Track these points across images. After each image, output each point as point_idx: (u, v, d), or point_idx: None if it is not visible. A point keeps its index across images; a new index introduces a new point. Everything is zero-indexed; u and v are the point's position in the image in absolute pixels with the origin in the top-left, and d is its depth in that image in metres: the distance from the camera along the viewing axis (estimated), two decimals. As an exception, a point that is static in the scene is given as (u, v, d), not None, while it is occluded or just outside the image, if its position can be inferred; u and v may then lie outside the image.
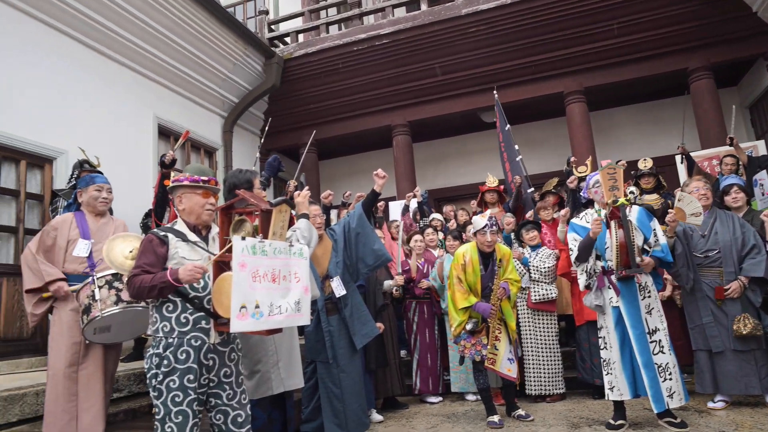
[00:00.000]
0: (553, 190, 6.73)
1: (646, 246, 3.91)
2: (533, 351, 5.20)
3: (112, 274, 3.30)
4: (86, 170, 5.13)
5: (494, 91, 7.58)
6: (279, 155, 4.41)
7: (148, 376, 2.44)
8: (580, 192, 5.36)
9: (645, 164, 6.01)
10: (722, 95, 7.81)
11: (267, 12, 9.35)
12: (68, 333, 3.40)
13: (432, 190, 9.48)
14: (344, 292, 3.90)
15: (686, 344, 4.76)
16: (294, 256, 2.43)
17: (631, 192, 4.02)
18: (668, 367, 3.74)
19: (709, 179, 5.32)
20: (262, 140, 6.25)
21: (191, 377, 2.41)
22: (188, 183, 2.59)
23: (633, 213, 3.92)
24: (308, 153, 8.71)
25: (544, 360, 5.16)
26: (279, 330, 2.45)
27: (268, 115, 9.28)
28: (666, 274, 4.86)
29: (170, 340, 2.43)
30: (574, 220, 4.19)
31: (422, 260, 5.79)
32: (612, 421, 3.91)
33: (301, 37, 9.27)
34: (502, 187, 7.04)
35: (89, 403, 3.34)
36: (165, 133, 7.35)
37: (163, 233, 2.53)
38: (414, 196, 7.14)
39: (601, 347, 4.00)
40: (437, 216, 7.03)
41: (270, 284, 2.27)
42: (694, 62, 7.53)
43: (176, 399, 2.37)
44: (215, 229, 2.71)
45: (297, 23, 9.60)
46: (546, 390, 5.11)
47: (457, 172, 10.28)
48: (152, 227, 4.79)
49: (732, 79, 8.73)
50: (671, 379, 3.72)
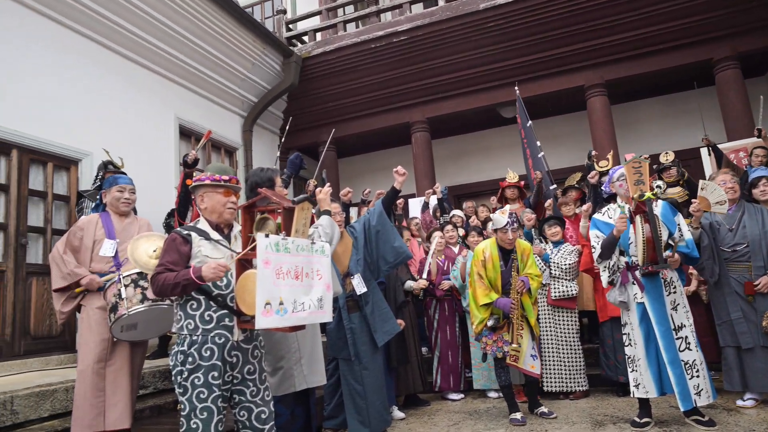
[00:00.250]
0: (576, 186, 6.65)
1: (671, 241, 3.84)
2: (553, 347, 5.15)
3: (138, 273, 3.35)
4: (110, 171, 5.21)
5: (515, 87, 7.50)
6: (299, 154, 4.41)
7: (174, 373, 2.48)
8: (602, 187, 5.29)
9: (666, 157, 5.91)
10: (749, 85, 7.62)
11: (285, 11, 9.39)
12: (96, 330, 3.48)
13: (452, 187, 9.43)
14: (365, 290, 3.91)
15: (713, 341, 4.67)
16: (316, 254, 2.44)
17: (658, 186, 3.93)
18: (695, 364, 3.67)
19: (737, 172, 5.20)
20: (283, 139, 6.28)
21: (215, 374, 2.43)
22: (210, 182, 2.62)
23: (657, 207, 3.85)
24: (327, 151, 8.73)
25: (564, 357, 5.12)
26: (302, 327, 2.47)
27: (287, 114, 9.32)
28: (691, 269, 4.77)
29: (194, 338, 2.46)
30: (596, 216, 4.13)
31: (442, 257, 5.78)
32: (637, 419, 3.85)
33: (319, 36, 9.30)
34: (523, 183, 6.97)
35: (116, 399, 3.40)
36: (186, 134, 7.44)
37: (186, 232, 2.56)
38: (434, 193, 7.11)
39: (626, 344, 3.94)
40: (458, 212, 6.99)
41: (293, 281, 2.28)
42: (720, 52, 7.35)
43: (201, 395, 2.40)
44: (237, 228, 2.74)
45: (314, 22, 9.62)
46: (567, 387, 5.07)
47: (477, 168, 10.21)
48: (175, 227, 4.85)
49: (760, 69, 8.50)
50: (698, 377, 3.65)
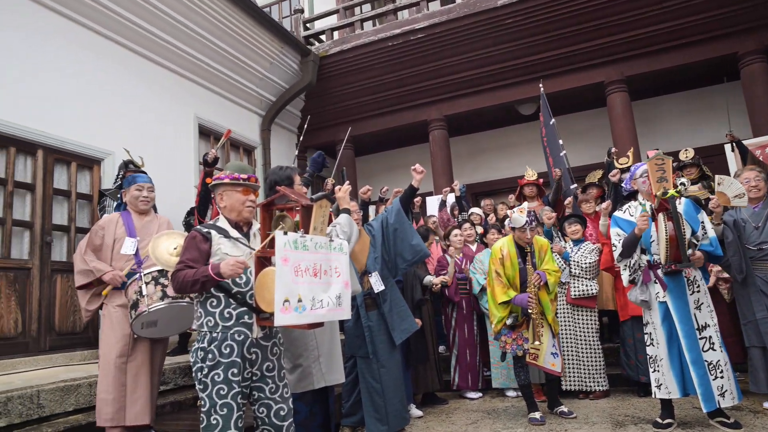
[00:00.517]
0: (597, 183, 6.58)
1: (694, 239, 3.77)
2: (572, 346, 5.11)
3: (158, 271, 3.41)
4: (131, 170, 5.28)
5: (540, 84, 7.42)
6: (321, 152, 4.41)
7: (194, 370, 2.51)
8: (622, 184, 5.22)
9: (686, 155, 5.80)
10: (776, 80, 7.45)
11: (302, 11, 9.42)
12: (118, 326, 3.54)
13: (470, 185, 9.39)
14: (383, 288, 3.91)
15: (738, 341, 4.58)
16: (334, 251, 2.45)
17: (682, 183, 3.85)
18: (719, 365, 3.59)
19: (763, 168, 5.09)
20: (301, 138, 6.32)
21: (235, 371, 2.46)
22: (229, 181, 2.64)
23: (681, 205, 3.78)
24: (345, 149, 8.74)
25: (584, 356, 5.07)
26: (321, 324, 2.47)
27: (305, 113, 9.36)
28: (710, 265, 4.68)
29: (214, 335, 2.48)
30: (617, 214, 4.07)
31: (460, 255, 5.75)
32: (659, 420, 3.79)
33: (336, 35, 9.31)
34: (541, 181, 6.91)
35: (137, 394, 3.46)
36: (205, 133, 7.51)
37: (206, 230, 2.59)
38: (452, 191, 7.08)
39: (647, 344, 3.89)
40: (477, 210, 6.96)
41: (311, 278, 2.29)
42: (746, 46, 7.19)
43: (221, 392, 2.43)
44: (256, 226, 2.76)
45: (332, 21, 9.64)
46: (586, 386, 5.02)
47: (495, 166, 10.15)
48: (195, 225, 4.90)
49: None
50: (722, 377, 3.58)
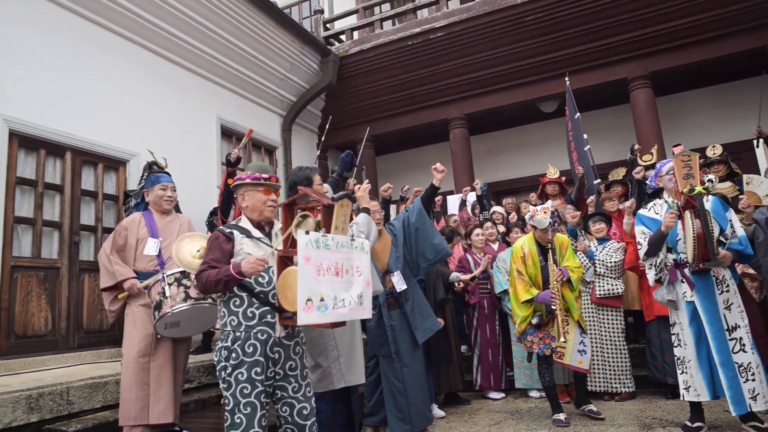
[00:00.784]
0: (621, 180, 6.50)
1: (722, 238, 3.69)
2: (597, 347, 5.04)
3: (180, 272, 3.43)
4: (155, 171, 5.37)
5: (566, 78, 7.33)
6: (350, 152, 4.41)
7: (218, 369, 2.53)
8: (646, 181, 5.13)
9: (714, 151, 5.67)
10: (807, 73, 7.25)
11: (322, 11, 9.46)
12: (141, 326, 3.58)
13: (490, 183, 9.32)
14: (405, 287, 3.91)
15: (770, 341, 4.48)
16: (356, 250, 2.45)
17: (710, 180, 3.78)
18: (750, 367, 3.49)
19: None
20: (323, 138, 6.35)
21: (258, 370, 2.47)
22: (250, 181, 2.66)
23: (708, 203, 3.70)
24: (365, 149, 8.75)
25: (610, 356, 5.00)
26: (343, 323, 2.48)
27: (325, 113, 9.39)
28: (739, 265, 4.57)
29: (238, 334, 2.50)
30: (642, 212, 4.01)
31: (481, 254, 5.72)
32: (689, 423, 3.71)
33: (356, 35, 9.33)
34: (564, 179, 6.83)
35: (160, 393, 3.50)
36: (227, 134, 7.59)
37: (229, 230, 2.61)
38: (473, 190, 7.04)
39: (675, 345, 3.81)
40: (498, 209, 6.91)
41: (333, 278, 2.30)
42: (774, 39, 7.02)
43: (244, 391, 2.45)
44: (278, 225, 2.78)
45: (352, 21, 9.66)
46: (612, 387, 4.95)
47: (516, 164, 10.06)
48: (218, 225, 4.96)
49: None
50: (754, 380, 3.47)
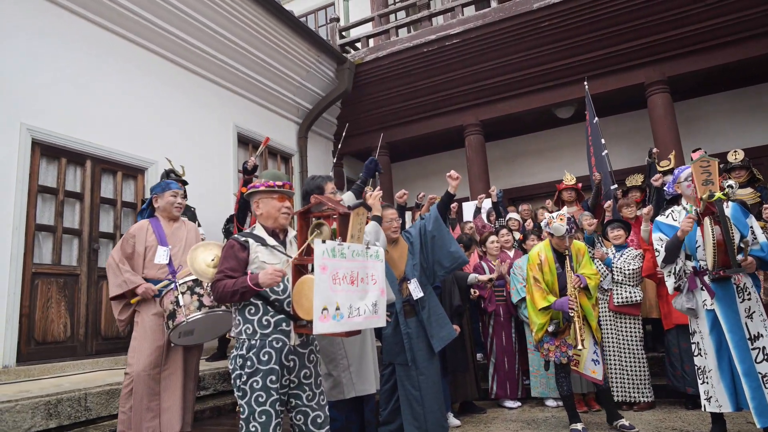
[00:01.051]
0: (640, 185, 6.43)
1: (742, 244, 3.62)
2: (615, 355, 4.97)
3: (193, 280, 3.40)
4: (173, 179, 5.45)
5: (585, 83, 7.28)
6: (374, 158, 4.37)
7: (233, 377, 2.54)
8: (664, 187, 5.07)
9: (735, 156, 5.57)
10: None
11: (338, 19, 9.53)
12: (151, 337, 3.53)
13: (506, 190, 9.30)
14: (421, 295, 3.90)
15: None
16: (371, 258, 2.45)
17: (729, 186, 3.71)
18: (774, 377, 3.43)
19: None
20: (339, 145, 6.41)
21: (273, 378, 2.48)
22: (264, 188, 2.68)
23: (728, 209, 3.63)
24: (380, 156, 8.74)
25: (628, 365, 4.92)
26: (358, 332, 2.48)
27: (341, 120, 9.45)
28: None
29: (253, 342, 2.51)
30: (660, 219, 3.95)
31: (497, 261, 5.69)
32: (710, 435, 3.65)
33: (372, 42, 9.38)
34: (580, 185, 6.78)
35: (169, 403, 3.49)
36: (244, 141, 7.66)
37: (244, 239, 2.62)
38: (488, 196, 7.01)
39: (695, 354, 3.74)
40: (515, 216, 6.87)
41: (349, 286, 2.30)
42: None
43: (260, 399, 2.45)
44: (292, 233, 2.79)
45: (367, 28, 9.72)
46: (630, 397, 4.87)
47: (532, 171, 10.02)
48: (234, 232, 4.99)
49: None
50: (777, 390, 3.41)
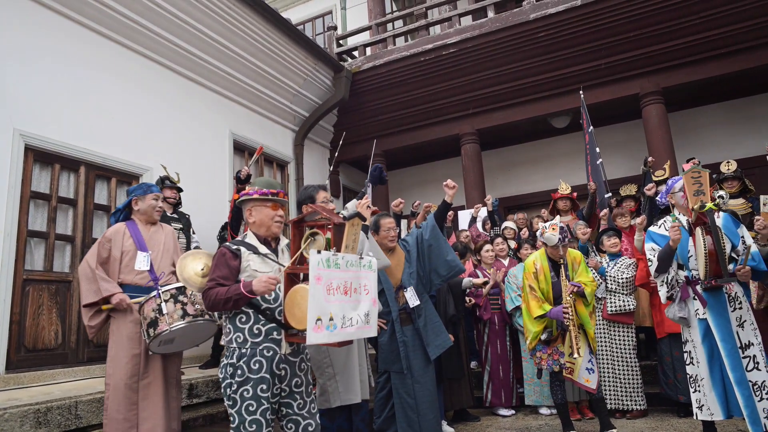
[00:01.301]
0: (634, 195, 6.46)
1: (734, 254, 3.65)
2: (609, 363, 4.99)
3: (177, 288, 3.32)
4: (167, 186, 5.45)
5: (580, 92, 7.33)
6: (378, 165, 4.34)
7: (223, 386, 2.52)
8: (657, 197, 5.11)
9: (728, 167, 5.61)
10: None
11: (335, 27, 9.56)
12: (128, 345, 3.41)
13: (502, 199, 9.32)
14: (418, 303, 3.91)
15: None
16: (364, 269, 2.45)
17: (720, 196, 3.74)
18: (765, 385, 3.44)
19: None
20: (336, 153, 6.44)
21: (264, 387, 2.46)
22: (258, 196, 2.65)
23: (719, 219, 3.67)
24: (375, 164, 8.78)
25: (621, 373, 4.94)
26: (350, 342, 2.48)
27: (338, 128, 9.46)
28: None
29: (243, 351, 2.49)
30: (652, 228, 3.98)
31: (491, 270, 5.70)
32: (702, 443, 3.66)
33: (369, 51, 9.41)
34: (575, 195, 6.82)
35: (148, 412, 3.38)
36: (240, 148, 7.66)
37: (235, 247, 2.60)
38: (485, 205, 7.03)
39: (687, 362, 3.76)
40: (510, 224, 6.88)
41: (342, 297, 2.30)
42: (786, 55, 6.97)
43: (250, 408, 2.43)
44: (284, 241, 2.78)
45: (364, 37, 9.76)
46: (623, 405, 4.88)
47: (527, 180, 10.05)
48: (228, 240, 4.99)
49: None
50: (768, 399, 3.43)
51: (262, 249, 2.63)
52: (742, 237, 3.68)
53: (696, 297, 3.65)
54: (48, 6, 5.22)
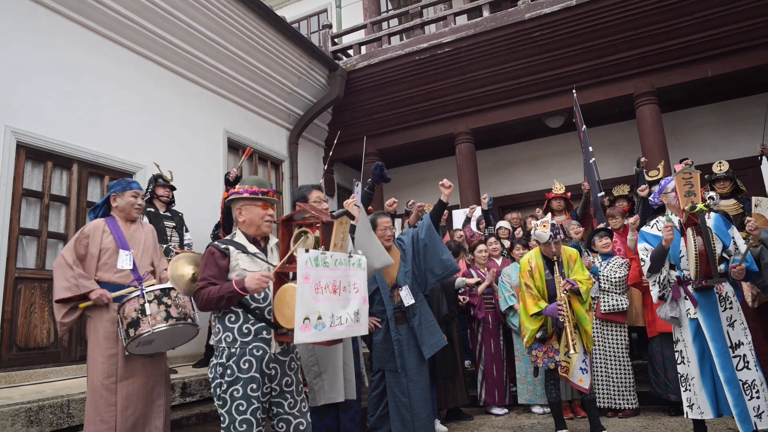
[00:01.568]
0: (627, 195, 6.49)
1: (725, 254, 3.67)
2: (601, 363, 5.01)
3: (161, 290, 3.20)
4: (160, 184, 5.45)
5: (573, 92, 7.35)
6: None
7: (213, 386, 2.50)
8: (650, 197, 5.13)
9: (720, 167, 5.64)
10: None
11: (330, 26, 9.56)
12: (104, 345, 3.27)
13: (496, 198, 9.33)
14: (413, 302, 3.93)
15: (774, 360, 4.42)
16: (353, 267, 2.44)
17: (711, 197, 3.77)
18: (755, 384, 3.46)
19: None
20: (331, 152, 6.43)
21: (254, 386, 2.45)
22: (248, 195, 2.63)
23: (710, 220, 3.69)
24: (369, 162, 8.80)
25: (613, 372, 4.96)
26: (339, 341, 2.48)
27: (332, 127, 9.46)
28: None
29: (233, 350, 2.47)
30: (645, 229, 4.00)
31: (485, 270, 5.71)
32: (692, 441, 3.68)
33: (364, 49, 9.40)
34: (569, 194, 6.84)
35: (128, 412, 3.24)
36: (234, 147, 7.65)
37: (224, 246, 2.58)
38: (483, 201, 7.05)
39: (678, 362, 3.78)
40: (504, 224, 6.90)
41: (331, 295, 2.29)
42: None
43: (240, 408, 2.42)
44: (273, 240, 2.77)
45: (360, 35, 9.75)
46: (615, 404, 4.91)
47: (522, 180, 10.07)
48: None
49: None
50: (758, 398, 3.43)
51: (251, 248, 2.62)
52: (733, 238, 3.70)
53: (687, 297, 3.67)
54: (41, 3, 5.21)
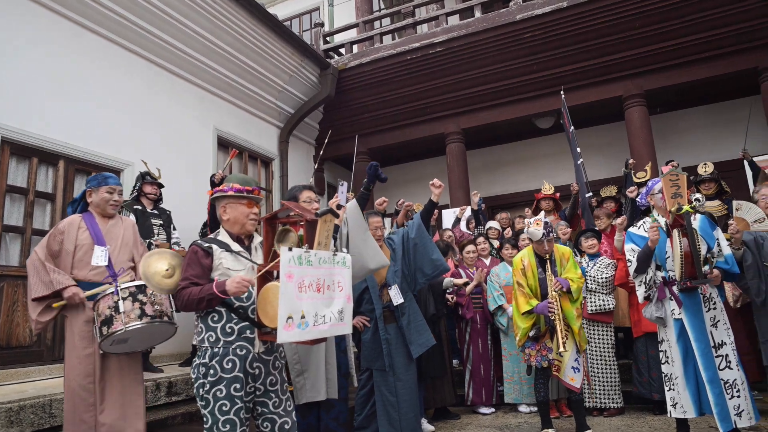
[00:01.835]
0: (615, 196, 6.53)
1: (710, 256, 3.70)
2: (588, 362, 5.03)
3: (136, 286, 3.12)
4: (147, 182, 5.41)
5: (561, 93, 7.38)
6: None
7: (196, 386, 2.47)
8: (638, 198, 5.16)
9: (705, 169, 5.70)
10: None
11: (322, 24, 9.54)
12: (80, 344, 3.21)
13: (486, 198, 9.35)
14: (402, 301, 3.93)
15: (755, 359, 4.49)
16: (337, 265, 2.43)
17: (697, 199, 3.80)
18: (736, 384, 3.50)
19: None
20: (322, 151, 6.42)
21: (238, 386, 2.43)
22: (232, 193, 2.61)
23: (696, 221, 3.72)
24: (359, 161, 8.81)
25: (599, 372, 5.00)
26: (324, 339, 2.47)
27: (323, 125, 9.44)
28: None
29: (216, 350, 2.45)
30: (632, 230, 4.03)
31: (473, 269, 5.72)
32: (675, 440, 3.72)
33: (356, 48, 9.40)
34: (558, 195, 6.87)
35: (107, 414, 3.20)
36: (224, 144, 7.61)
37: (207, 245, 2.56)
38: (472, 202, 7.06)
39: (662, 361, 3.81)
40: (494, 224, 6.92)
41: (315, 294, 2.27)
42: (766, 60, 7.06)
43: (223, 408, 2.40)
44: (257, 239, 2.75)
45: (351, 34, 9.74)
46: (601, 403, 4.94)
47: (512, 179, 10.11)
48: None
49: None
50: (739, 397, 3.48)
51: (235, 246, 2.60)
52: (717, 239, 3.74)
53: (672, 297, 3.70)
54: (30, -1, 5.16)
